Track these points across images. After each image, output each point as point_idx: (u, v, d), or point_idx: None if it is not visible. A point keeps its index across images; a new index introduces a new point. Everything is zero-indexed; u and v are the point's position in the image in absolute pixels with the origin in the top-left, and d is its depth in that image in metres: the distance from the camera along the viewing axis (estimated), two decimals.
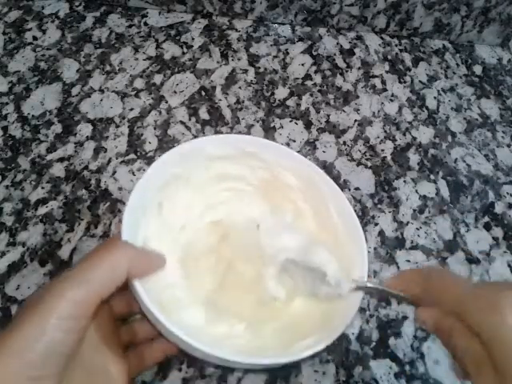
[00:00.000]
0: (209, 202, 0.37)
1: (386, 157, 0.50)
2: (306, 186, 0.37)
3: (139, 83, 0.50)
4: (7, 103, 0.47)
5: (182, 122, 0.48)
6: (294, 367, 0.36)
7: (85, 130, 0.47)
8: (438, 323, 0.26)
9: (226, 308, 0.33)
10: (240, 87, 0.52)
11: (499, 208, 0.49)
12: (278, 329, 0.32)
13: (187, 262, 0.34)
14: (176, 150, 0.34)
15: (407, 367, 0.38)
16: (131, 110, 0.48)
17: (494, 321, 0.22)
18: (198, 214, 0.37)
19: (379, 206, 0.47)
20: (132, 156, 0.46)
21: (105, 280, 0.25)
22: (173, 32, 0.55)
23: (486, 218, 0.48)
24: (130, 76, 0.51)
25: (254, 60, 0.54)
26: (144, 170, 0.44)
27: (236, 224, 0.37)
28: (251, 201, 0.38)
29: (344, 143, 0.50)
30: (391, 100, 0.54)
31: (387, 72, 0.57)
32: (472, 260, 0.45)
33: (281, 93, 0.52)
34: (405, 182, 0.49)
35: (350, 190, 0.47)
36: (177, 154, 0.34)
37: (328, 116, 0.52)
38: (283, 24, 0.58)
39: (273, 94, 0.52)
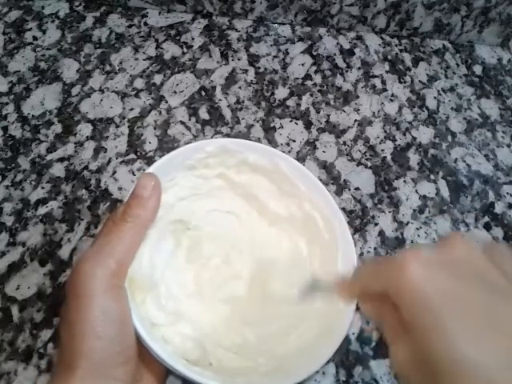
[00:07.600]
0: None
1: (386, 157, 0.50)
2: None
3: (139, 83, 0.50)
4: (7, 103, 0.47)
5: (181, 122, 0.48)
6: None
7: (85, 130, 0.47)
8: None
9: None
10: (240, 87, 0.52)
11: (499, 208, 0.49)
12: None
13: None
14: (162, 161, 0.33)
15: None
16: (131, 109, 0.48)
17: (395, 276, 0.21)
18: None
19: (379, 205, 0.47)
20: (132, 156, 0.46)
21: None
22: (173, 32, 0.55)
23: (486, 218, 0.48)
24: (130, 76, 0.51)
25: (254, 60, 0.54)
26: (144, 169, 0.45)
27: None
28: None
29: (344, 143, 0.50)
30: (391, 100, 0.54)
31: (387, 72, 0.57)
32: None
33: (281, 93, 0.52)
34: (405, 182, 0.49)
35: (349, 190, 0.47)
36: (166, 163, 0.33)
37: (328, 116, 0.52)
38: (283, 24, 0.58)
39: (273, 93, 0.52)
